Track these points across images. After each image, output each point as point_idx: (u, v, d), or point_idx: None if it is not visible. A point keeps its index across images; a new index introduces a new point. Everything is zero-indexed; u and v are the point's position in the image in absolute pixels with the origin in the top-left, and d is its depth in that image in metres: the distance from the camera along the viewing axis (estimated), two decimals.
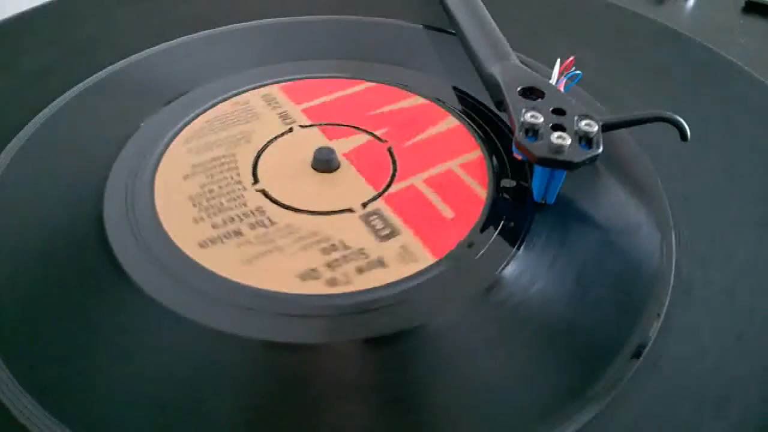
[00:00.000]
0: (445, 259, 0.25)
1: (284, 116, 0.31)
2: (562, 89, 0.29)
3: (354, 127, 0.31)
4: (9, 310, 0.24)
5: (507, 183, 0.28)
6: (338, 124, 0.31)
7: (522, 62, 0.31)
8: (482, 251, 0.25)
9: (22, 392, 0.22)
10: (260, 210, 0.27)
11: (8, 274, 0.25)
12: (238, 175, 0.28)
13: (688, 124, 0.26)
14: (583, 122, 0.26)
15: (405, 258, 0.25)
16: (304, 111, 0.31)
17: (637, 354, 0.24)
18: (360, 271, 0.25)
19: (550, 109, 0.27)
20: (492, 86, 0.30)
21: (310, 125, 0.31)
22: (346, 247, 0.25)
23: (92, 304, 0.24)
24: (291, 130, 0.30)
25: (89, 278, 0.25)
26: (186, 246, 0.25)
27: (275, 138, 0.30)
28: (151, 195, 0.27)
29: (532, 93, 0.29)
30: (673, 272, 0.26)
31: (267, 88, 0.33)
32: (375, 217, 0.27)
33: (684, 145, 0.26)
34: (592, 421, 0.22)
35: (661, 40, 0.39)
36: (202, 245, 0.26)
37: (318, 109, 0.32)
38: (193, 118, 0.31)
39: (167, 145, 0.30)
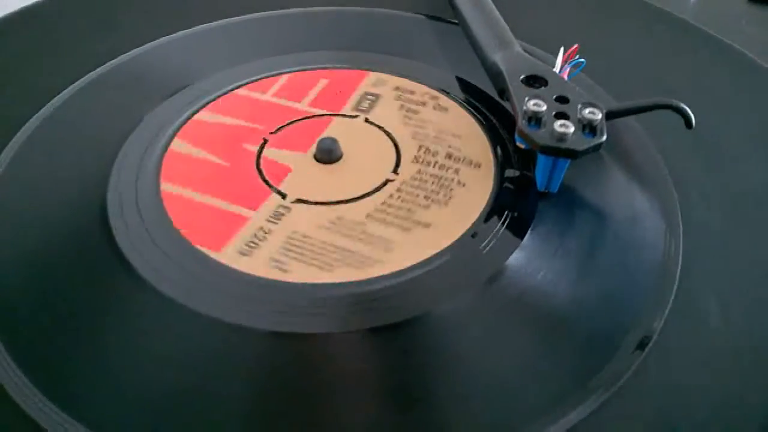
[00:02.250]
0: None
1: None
2: (565, 77, 0.29)
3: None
4: (14, 303, 0.25)
5: (511, 173, 0.28)
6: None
7: (525, 50, 0.31)
8: (486, 241, 0.25)
9: (29, 386, 0.22)
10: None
11: (13, 268, 0.26)
12: None
13: (693, 112, 0.26)
14: (587, 110, 0.26)
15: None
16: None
17: (641, 345, 0.24)
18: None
19: (554, 97, 0.27)
20: (495, 75, 0.30)
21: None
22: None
23: (95, 295, 0.24)
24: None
25: (93, 271, 0.25)
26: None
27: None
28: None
29: (535, 81, 0.28)
30: (680, 262, 0.26)
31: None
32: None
33: (689, 132, 0.26)
34: (596, 412, 0.22)
35: (667, 28, 0.38)
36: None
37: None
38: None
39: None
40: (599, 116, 0.26)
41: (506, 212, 0.26)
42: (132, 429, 0.22)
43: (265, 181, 0.28)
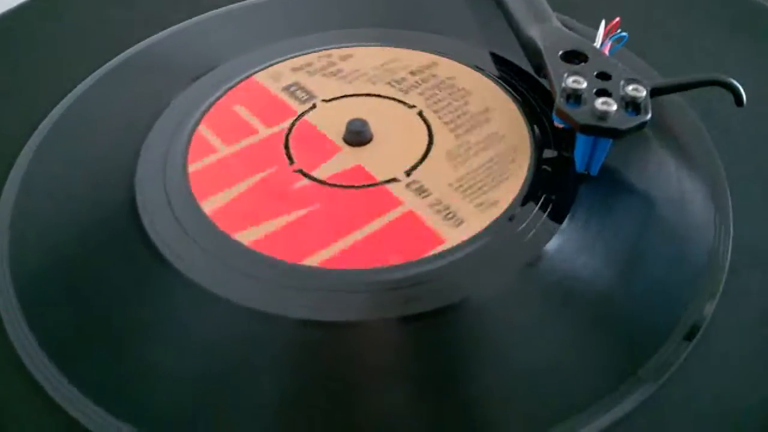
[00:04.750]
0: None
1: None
2: (606, 52, 0.28)
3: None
4: (45, 295, 0.24)
5: (550, 153, 0.27)
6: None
7: (564, 24, 0.30)
8: (523, 224, 0.24)
9: (60, 375, 0.22)
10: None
11: (42, 257, 0.25)
12: None
13: (746, 89, 0.25)
14: (630, 87, 0.25)
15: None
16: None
17: (690, 335, 0.23)
18: None
19: (594, 73, 0.26)
20: (531, 51, 0.29)
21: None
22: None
23: (124, 281, 0.24)
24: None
25: (121, 255, 0.25)
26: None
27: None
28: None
29: (574, 57, 0.27)
30: (730, 249, 0.25)
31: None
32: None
33: (742, 111, 0.25)
34: (644, 404, 0.21)
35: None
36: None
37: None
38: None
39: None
40: (643, 93, 0.25)
41: (545, 194, 0.25)
42: (168, 420, 0.21)
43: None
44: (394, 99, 0.30)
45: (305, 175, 0.27)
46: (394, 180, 0.26)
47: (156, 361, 0.22)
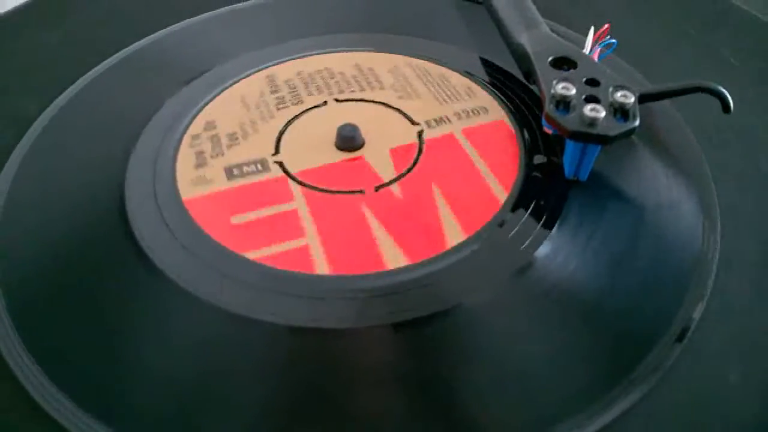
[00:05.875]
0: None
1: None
2: (596, 58, 0.28)
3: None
4: (31, 290, 0.24)
5: (540, 159, 0.27)
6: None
7: (553, 31, 0.30)
8: (514, 231, 0.24)
9: (47, 380, 0.22)
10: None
11: (32, 254, 0.25)
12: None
13: (734, 96, 0.25)
14: (619, 93, 0.25)
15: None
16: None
17: (680, 337, 0.23)
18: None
19: (583, 79, 0.26)
20: (520, 57, 0.29)
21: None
22: None
23: (110, 283, 0.24)
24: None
25: (109, 258, 0.25)
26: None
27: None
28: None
29: (563, 63, 0.27)
30: (718, 252, 0.25)
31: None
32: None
33: (730, 118, 0.25)
34: (635, 406, 0.22)
35: (705, 6, 0.37)
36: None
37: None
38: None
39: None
40: (632, 100, 0.25)
41: (534, 200, 0.25)
42: (153, 425, 0.21)
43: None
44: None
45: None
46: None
47: (144, 366, 0.22)
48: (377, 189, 0.26)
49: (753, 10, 0.36)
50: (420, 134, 0.28)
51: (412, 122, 0.29)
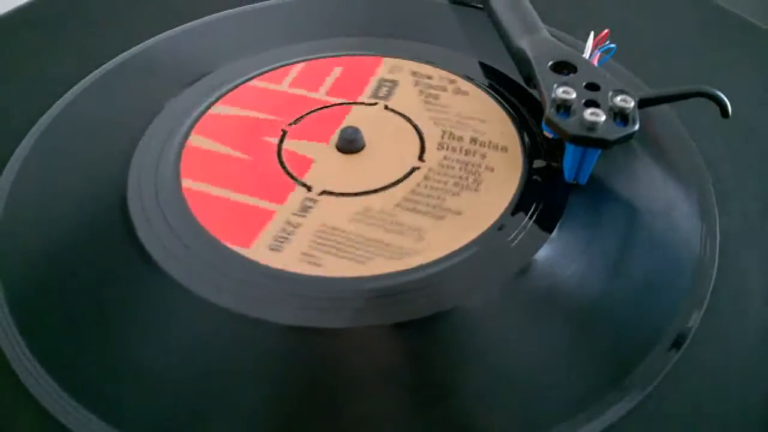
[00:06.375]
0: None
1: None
2: (596, 63, 0.28)
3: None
4: (33, 290, 0.25)
5: (540, 163, 0.27)
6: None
7: (553, 35, 0.30)
8: (513, 234, 0.25)
9: (48, 379, 0.22)
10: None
11: (32, 254, 0.25)
12: None
13: (734, 101, 0.25)
14: (619, 98, 0.25)
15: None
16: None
17: (677, 344, 0.23)
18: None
19: (583, 84, 0.26)
20: (521, 61, 0.29)
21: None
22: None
23: (110, 280, 0.24)
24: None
25: (110, 256, 0.25)
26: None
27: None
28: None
29: (564, 68, 0.27)
30: (717, 257, 0.25)
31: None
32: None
33: (729, 123, 0.25)
34: (630, 413, 0.21)
35: (703, 12, 0.37)
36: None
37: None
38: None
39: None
40: (631, 104, 0.25)
41: (534, 204, 0.25)
42: (155, 425, 0.21)
43: (289, 174, 0.27)
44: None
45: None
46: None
47: (145, 365, 0.22)
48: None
49: (750, 17, 0.36)
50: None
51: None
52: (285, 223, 0.25)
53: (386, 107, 0.30)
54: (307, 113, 0.29)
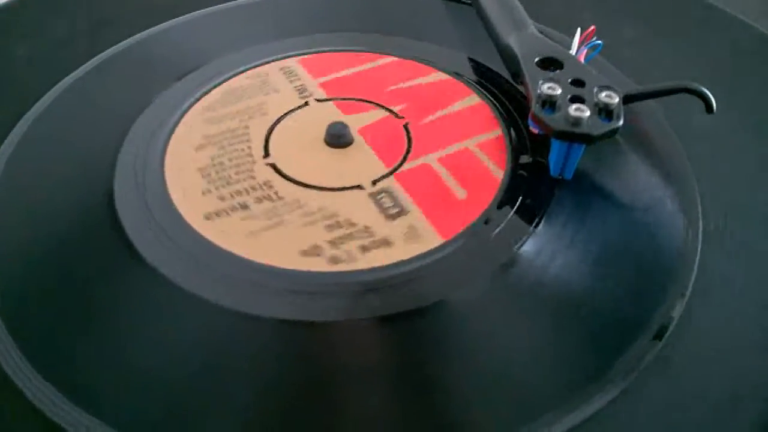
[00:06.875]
0: (454, 239, 0.24)
1: (301, 90, 0.30)
2: (582, 60, 0.28)
3: (371, 102, 0.30)
4: (19, 287, 0.24)
5: (525, 159, 0.27)
6: (355, 99, 0.30)
7: (540, 32, 0.30)
8: (499, 228, 0.25)
9: (36, 375, 0.22)
10: (268, 184, 0.26)
11: (19, 248, 0.25)
12: (250, 148, 0.28)
13: (718, 98, 0.25)
14: (603, 93, 0.25)
15: (411, 238, 0.24)
16: (322, 85, 0.31)
17: (659, 335, 0.23)
18: (364, 249, 0.24)
19: (569, 80, 0.26)
20: (508, 57, 0.29)
21: (326, 99, 0.30)
22: (351, 225, 0.25)
23: (97, 276, 0.24)
24: (307, 104, 0.30)
25: (96, 249, 0.25)
26: (191, 217, 0.25)
27: (290, 112, 0.29)
28: (161, 166, 0.27)
29: (550, 64, 0.28)
30: (698, 251, 0.25)
31: (286, 60, 0.32)
32: (384, 195, 0.26)
33: (714, 119, 0.25)
34: (612, 402, 0.22)
35: (690, 8, 0.37)
36: (208, 217, 0.25)
37: (336, 83, 0.31)
38: (209, 90, 0.30)
39: (182, 117, 0.29)
40: (616, 100, 0.25)
41: (520, 198, 0.26)
42: (146, 421, 0.21)
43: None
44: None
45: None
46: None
47: (135, 362, 0.22)
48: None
49: (737, 12, 0.36)
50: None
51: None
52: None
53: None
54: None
